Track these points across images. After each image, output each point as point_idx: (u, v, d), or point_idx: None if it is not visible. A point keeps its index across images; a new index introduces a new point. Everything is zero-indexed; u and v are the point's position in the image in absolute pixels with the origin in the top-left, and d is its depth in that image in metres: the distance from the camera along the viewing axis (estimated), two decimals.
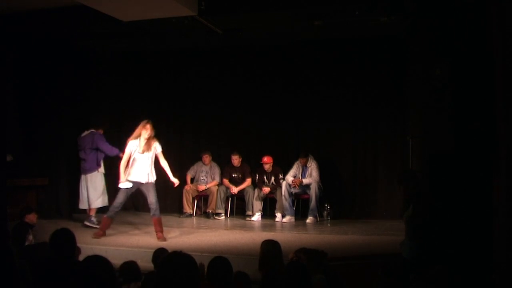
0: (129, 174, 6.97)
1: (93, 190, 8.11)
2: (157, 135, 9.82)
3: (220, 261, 3.49)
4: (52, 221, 7.96)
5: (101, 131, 8.26)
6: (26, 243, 5.77)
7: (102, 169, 8.23)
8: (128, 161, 6.97)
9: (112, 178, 8.15)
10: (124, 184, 7.00)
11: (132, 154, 6.99)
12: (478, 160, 4.46)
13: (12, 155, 7.87)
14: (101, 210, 8.25)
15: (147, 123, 7.04)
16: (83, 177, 8.19)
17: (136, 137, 7.02)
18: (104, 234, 7.09)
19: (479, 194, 4.40)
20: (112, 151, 8.15)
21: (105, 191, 8.26)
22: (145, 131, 6.98)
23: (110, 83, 9.77)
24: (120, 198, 7.05)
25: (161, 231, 7.03)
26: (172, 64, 9.77)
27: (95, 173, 8.13)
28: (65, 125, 8.86)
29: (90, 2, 6.49)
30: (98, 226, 7.56)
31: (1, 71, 7.82)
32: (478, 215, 4.38)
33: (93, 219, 7.98)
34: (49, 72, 8.62)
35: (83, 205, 8.23)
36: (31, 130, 8.66)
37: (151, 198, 7.05)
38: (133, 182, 7.01)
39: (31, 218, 6.11)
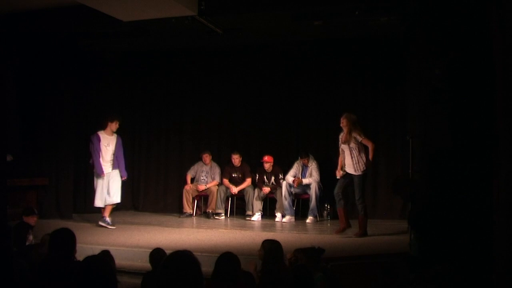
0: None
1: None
2: (157, 135, 10.00)
3: (228, 256, 3.51)
4: (52, 221, 7.97)
5: (101, 132, 8.10)
6: (27, 243, 5.78)
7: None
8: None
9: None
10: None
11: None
12: (478, 160, 4.46)
13: (12, 155, 7.86)
14: (98, 210, 8.21)
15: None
16: None
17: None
18: (345, 227, 7.19)
19: (479, 194, 4.40)
20: (93, 156, 8.00)
21: (98, 192, 7.95)
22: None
23: (110, 83, 9.77)
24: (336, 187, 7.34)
25: (360, 228, 7.12)
26: (172, 64, 9.78)
27: (94, 174, 8.06)
28: (65, 125, 8.86)
29: (90, 2, 6.49)
30: (109, 226, 7.84)
31: (1, 71, 7.82)
32: (478, 215, 4.38)
33: (107, 219, 7.96)
34: (49, 72, 8.63)
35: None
36: (31, 130, 8.67)
37: (355, 192, 7.19)
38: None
39: (31, 220, 6.10)
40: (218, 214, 8.92)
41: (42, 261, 3.55)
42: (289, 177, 8.61)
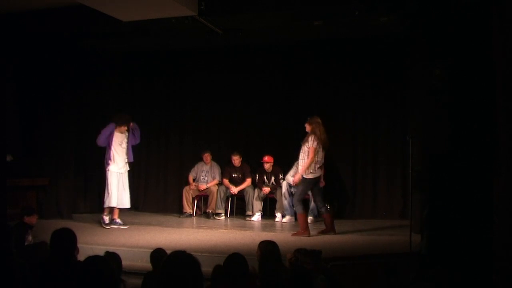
0: None
1: (104, 189, 7.97)
2: (157, 135, 9.99)
3: (236, 257, 3.51)
4: (52, 221, 7.96)
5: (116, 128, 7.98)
6: (26, 243, 5.77)
7: (112, 168, 7.87)
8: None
9: None
10: None
11: None
12: (478, 160, 4.46)
13: (12, 155, 7.87)
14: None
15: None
16: None
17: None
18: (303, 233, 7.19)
19: (479, 194, 4.40)
20: (99, 138, 7.88)
21: (114, 191, 7.83)
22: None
23: (110, 83, 9.76)
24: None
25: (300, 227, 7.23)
26: (172, 64, 9.77)
27: (107, 172, 7.90)
28: (65, 125, 8.85)
29: (90, 2, 6.49)
30: (122, 227, 7.83)
31: (1, 71, 7.82)
32: (478, 215, 4.38)
33: (118, 221, 7.93)
34: (49, 72, 8.62)
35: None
36: (31, 130, 8.66)
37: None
38: None
39: (31, 220, 6.09)
40: (218, 214, 8.92)
41: (42, 262, 3.54)
42: (290, 177, 8.60)
